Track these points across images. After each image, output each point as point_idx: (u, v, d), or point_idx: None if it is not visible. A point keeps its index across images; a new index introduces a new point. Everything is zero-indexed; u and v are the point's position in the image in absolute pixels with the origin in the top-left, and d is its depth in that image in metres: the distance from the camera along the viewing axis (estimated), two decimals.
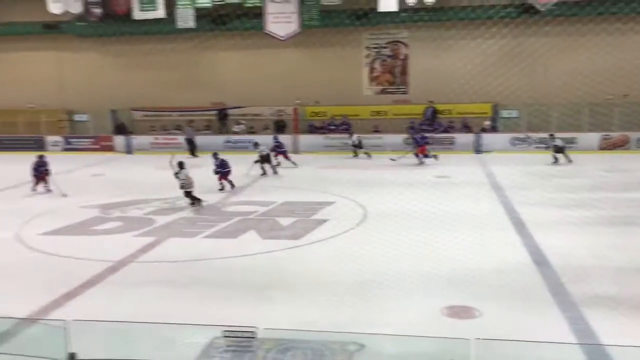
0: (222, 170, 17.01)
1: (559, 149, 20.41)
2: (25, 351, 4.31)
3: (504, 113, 25.84)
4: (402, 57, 27.22)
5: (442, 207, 12.95)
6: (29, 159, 17.63)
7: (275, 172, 19.16)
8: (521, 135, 24.26)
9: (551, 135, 21.23)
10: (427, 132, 23.28)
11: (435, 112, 26.27)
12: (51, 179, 17.00)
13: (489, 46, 17.52)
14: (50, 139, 28.02)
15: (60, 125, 29.12)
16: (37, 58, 28.80)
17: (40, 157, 17.54)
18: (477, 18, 20.97)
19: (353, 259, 10.19)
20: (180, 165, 14.94)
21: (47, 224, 13.31)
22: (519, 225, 12.28)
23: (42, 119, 28.54)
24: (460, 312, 7.89)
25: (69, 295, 8.87)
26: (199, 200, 14.90)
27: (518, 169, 18.84)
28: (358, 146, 23.40)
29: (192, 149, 25.14)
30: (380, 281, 9.03)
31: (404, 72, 27.34)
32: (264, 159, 19.27)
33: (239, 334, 3.98)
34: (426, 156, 20.67)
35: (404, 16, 24.00)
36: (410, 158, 20.97)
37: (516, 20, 21.30)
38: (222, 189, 16.70)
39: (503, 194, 15.45)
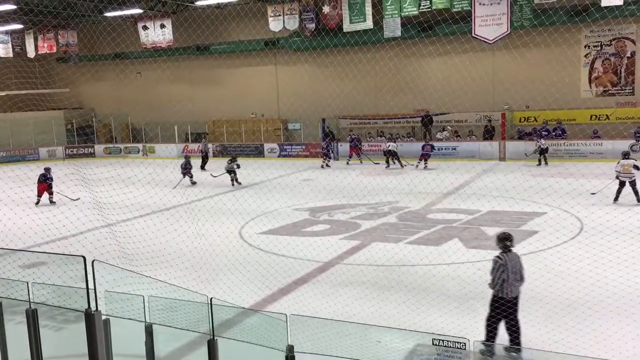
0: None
1: None
2: (249, 339, 4.73)
3: None
4: (628, 54, 24.50)
5: None
6: (254, 165, 19.49)
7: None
8: None
9: None
10: None
11: None
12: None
13: None
14: (268, 146, 30.67)
15: (276, 134, 31.76)
16: (258, 72, 31.82)
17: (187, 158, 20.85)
18: None
19: (564, 275, 9.43)
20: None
21: (265, 224, 14.57)
22: None
23: (261, 127, 31.47)
24: None
25: (284, 291, 9.61)
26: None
27: None
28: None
29: (204, 161, 26.16)
30: (596, 302, 8.20)
31: (630, 71, 24.57)
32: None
33: (449, 344, 3.91)
34: None
35: (631, 9, 21.55)
36: None
37: None
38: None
39: None
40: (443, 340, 3.99)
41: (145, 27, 29.46)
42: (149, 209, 16.58)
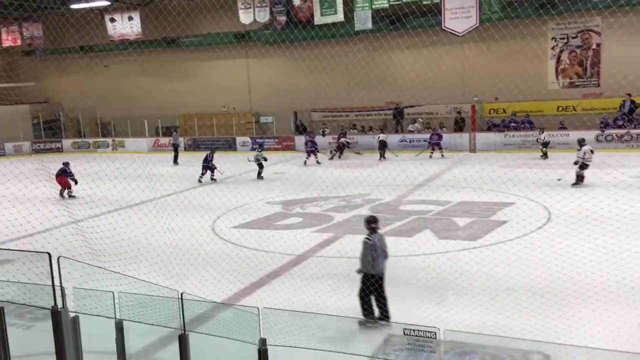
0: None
1: None
2: (221, 333, 4.72)
3: None
4: (593, 46, 25.01)
5: None
6: (225, 158, 19.31)
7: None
8: None
9: None
10: (624, 128, 21.10)
11: (634, 106, 23.66)
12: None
13: None
14: (240, 139, 30.48)
15: (248, 127, 31.58)
16: (229, 65, 31.53)
17: (212, 151, 21.03)
18: None
19: (532, 263, 9.62)
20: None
21: (237, 218, 14.49)
22: None
23: (233, 121, 31.25)
24: None
25: (257, 284, 9.59)
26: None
27: None
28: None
29: (176, 155, 25.99)
30: (562, 289, 8.39)
31: (595, 63, 25.09)
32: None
33: (420, 333, 3.96)
34: None
35: (595, 2, 21.94)
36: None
37: None
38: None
39: None
40: (414, 330, 4.04)
41: (112, 20, 28.94)
42: (117, 204, 16.34)
